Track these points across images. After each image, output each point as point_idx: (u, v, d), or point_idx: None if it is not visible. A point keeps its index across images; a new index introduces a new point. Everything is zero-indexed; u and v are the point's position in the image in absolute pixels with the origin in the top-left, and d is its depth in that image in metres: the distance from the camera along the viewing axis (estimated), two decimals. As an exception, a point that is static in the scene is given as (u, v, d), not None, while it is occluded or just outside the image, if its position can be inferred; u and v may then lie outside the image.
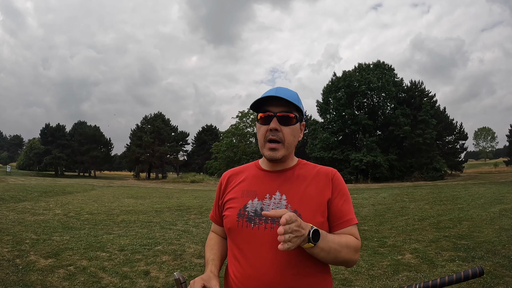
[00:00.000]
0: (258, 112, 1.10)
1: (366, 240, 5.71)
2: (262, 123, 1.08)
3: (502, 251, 4.61)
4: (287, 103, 1.06)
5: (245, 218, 1.04)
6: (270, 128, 1.05)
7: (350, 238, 1.04)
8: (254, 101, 1.07)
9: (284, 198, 1.05)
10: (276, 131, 1.05)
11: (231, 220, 1.07)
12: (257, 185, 1.10)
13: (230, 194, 1.13)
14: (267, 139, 1.06)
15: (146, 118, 53.12)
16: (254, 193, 1.08)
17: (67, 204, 10.95)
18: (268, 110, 1.07)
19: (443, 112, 37.91)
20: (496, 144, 70.81)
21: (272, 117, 1.06)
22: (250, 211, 1.05)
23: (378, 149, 30.92)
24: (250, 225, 1.03)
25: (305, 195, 1.06)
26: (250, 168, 1.19)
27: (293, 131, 1.09)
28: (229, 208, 1.10)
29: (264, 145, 1.08)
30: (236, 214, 1.07)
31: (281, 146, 1.06)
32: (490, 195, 12.04)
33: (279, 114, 1.05)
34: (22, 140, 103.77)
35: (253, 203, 1.06)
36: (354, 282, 3.69)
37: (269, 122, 1.06)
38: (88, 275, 3.85)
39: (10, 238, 5.53)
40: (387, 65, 34.87)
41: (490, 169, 45.08)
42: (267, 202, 1.05)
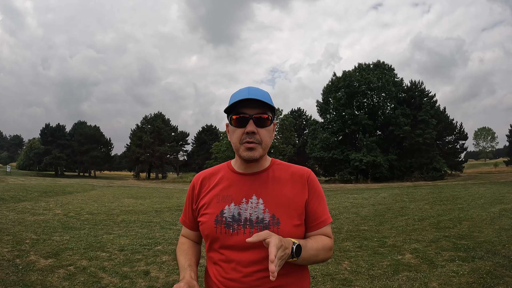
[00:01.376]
0: (230, 114, 1.05)
1: (366, 240, 5.71)
2: (236, 125, 1.04)
3: (502, 251, 4.61)
4: (261, 104, 1.02)
5: (223, 224, 1.02)
6: (247, 131, 1.01)
7: (325, 240, 1.07)
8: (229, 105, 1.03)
9: (261, 202, 1.03)
10: (253, 134, 1.02)
11: (209, 226, 1.04)
12: (232, 189, 1.07)
13: (205, 199, 1.09)
14: (243, 142, 1.03)
15: (146, 118, 53.11)
16: (230, 198, 1.06)
17: (67, 204, 10.95)
18: (242, 112, 1.02)
19: (443, 112, 37.91)
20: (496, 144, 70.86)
21: (247, 119, 1.02)
22: (227, 217, 1.03)
23: (378, 149, 30.92)
24: (229, 231, 1.01)
25: (282, 198, 1.05)
26: (223, 170, 1.14)
27: (269, 132, 1.07)
28: (205, 214, 1.07)
29: (239, 147, 1.04)
30: (213, 220, 1.04)
31: (259, 146, 1.03)
32: (490, 195, 12.04)
33: (255, 116, 1.02)
34: (22, 140, 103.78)
35: (230, 209, 1.04)
36: (354, 282, 3.69)
37: (245, 125, 1.02)
38: (88, 275, 3.84)
39: (10, 238, 5.53)
40: (387, 65, 34.88)
41: (490, 169, 45.08)
42: (244, 206, 1.03)
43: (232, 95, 1.08)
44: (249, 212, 1.02)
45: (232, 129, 1.06)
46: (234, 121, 1.04)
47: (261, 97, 1.02)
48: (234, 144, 1.06)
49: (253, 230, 0.99)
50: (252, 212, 1.02)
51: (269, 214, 1.01)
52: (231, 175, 1.11)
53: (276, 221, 1.01)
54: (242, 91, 1.05)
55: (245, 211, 1.02)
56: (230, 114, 1.05)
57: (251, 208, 1.02)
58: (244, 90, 1.04)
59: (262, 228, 0.99)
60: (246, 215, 1.01)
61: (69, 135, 57.85)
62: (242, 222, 1.01)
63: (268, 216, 1.01)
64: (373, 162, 29.87)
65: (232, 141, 1.07)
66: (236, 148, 1.06)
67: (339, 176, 32.95)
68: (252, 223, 1.00)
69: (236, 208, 1.03)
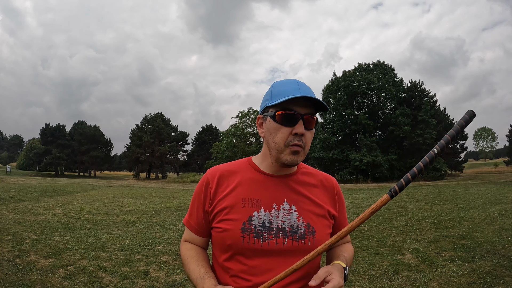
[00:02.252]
0: (275, 109, 0.91)
1: (366, 240, 5.71)
2: (281, 123, 0.90)
3: (502, 251, 4.61)
4: (310, 103, 0.91)
5: (252, 233, 0.89)
6: (296, 132, 0.88)
7: (350, 248, 1.08)
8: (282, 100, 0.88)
9: (294, 208, 0.94)
10: (301, 136, 0.90)
11: (234, 235, 0.89)
12: (259, 192, 0.94)
13: (226, 202, 0.93)
14: (290, 144, 0.89)
15: (146, 118, 53.14)
16: (258, 202, 0.92)
17: (67, 204, 10.95)
18: (292, 109, 0.89)
19: (443, 112, 37.94)
20: (496, 144, 70.92)
21: (297, 119, 0.89)
22: (257, 225, 0.89)
23: (378, 149, 30.93)
24: (258, 241, 0.88)
25: (314, 205, 0.97)
26: (245, 169, 0.99)
27: (312, 136, 0.95)
28: (228, 220, 0.91)
29: (284, 149, 0.90)
30: (239, 228, 0.89)
31: (303, 151, 0.91)
32: (490, 195, 12.04)
33: (306, 117, 0.90)
34: (22, 140, 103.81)
35: (259, 215, 0.90)
36: (354, 282, 3.69)
37: (293, 124, 0.89)
38: (88, 275, 3.84)
39: (10, 238, 5.53)
40: (387, 65, 34.90)
41: (490, 169, 45.09)
42: (275, 213, 0.92)
43: (275, 84, 0.96)
44: (281, 220, 0.91)
45: (275, 127, 0.91)
46: (280, 117, 0.89)
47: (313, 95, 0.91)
48: (277, 144, 0.91)
49: (287, 240, 0.90)
50: (284, 220, 0.91)
51: (304, 222, 0.93)
52: (257, 175, 0.97)
53: (311, 230, 0.93)
54: (291, 84, 0.92)
55: (277, 218, 0.91)
56: (273, 107, 0.92)
57: (283, 215, 0.92)
58: (293, 83, 0.92)
59: (298, 238, 0.91)
60: (278, 223, 0.91)
61: (69, 135, 57.87)
62: (273, 231, 0.90)
63: (303, 225, 0.92)
64: (373, 162, 29.88)
65: (274, 140, 0.91)
66: (278, 149, 0.91)
67: (339, 176, 32.94)
68: (286, 232, 0.90)
69: (267, 215, 0.91)
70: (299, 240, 0.90)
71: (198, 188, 0.99)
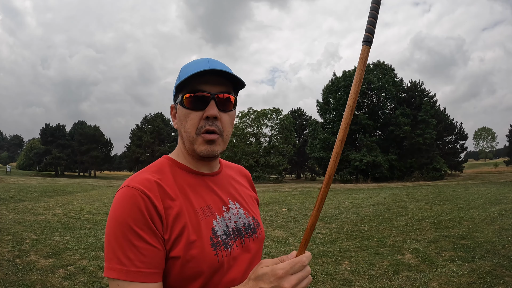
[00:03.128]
0: (183, 92, 0.77)
1: (366, 240, 5.71)
2: (190, 107, 0.76)
3: (502, 251, 4.61)
4: (224, 80, 0.77)
5: (222, 245, 0.74)
6: (207, 115, 0.75)
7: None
8: (184, 79, 0.74)
9: (238, 206, 0.84)
10: (215, 120, 0.76)
11: (207, 257, 0.71)
12: (206, 196, 0.79)
13: (182, 218, 0.71)
14: (201, 130, 0.75)
15: (146, 118, 53.16)
16: (211, 209, 0.78)
17: (67, 204, 10.95)
18: (201, 89, 0.75)
19: (443, 112, 37.94)
20: (496, 144, 70.97)
21: (208, 99, 0.75)
22: (221, 235, 0.76)
23: (378, 149, 30.95)
24: (228, 252, 0.75)
25: (248, 197, 0.91)
26: (172, 172, 0.79)
27: (232, 120, 0.81)
28: (193, 241, 0.70)
29: (195, 138, 0.76)
30: (209, 246, 0.72)
31: (220, 138, 0.77)
32: (490, 195, 12.04)
33: (220, 96, 0.76)
34: (22, 140, 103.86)
35: (218, 223, 0.77)
36: (354, 282, 3.69)
37: (204, 107, 0.75)
38: (88, 275, 3.84)
39: (10, 238, 5.53)
40: (387, 65, 34.91)
41: (490, 169, 45.09)
42: (227, 216, 0.80)
43: (183, 67, 0.81)
44: (234, 221, 0.81)
45: (184, 113, 0.77)
46: (187, 101, 0.75)
47: (227, 69, 0.77)
48: (188, 133, 0.77)
49: (244, 240, 0.81)
50: (236, 220, 0.81)
51: (250, 217, 0.85)
52: (189, 177, 0.80)
53: (257, 223, 0.87)
54: (200, 61, 0.78)
55: (229, 220, 0.80)
56: (181, 91, 0.78)
57: (234, 216, 0.81)
58: (203, 61, 0.78)
59: (252, 233, 0.83)
60: (232, 225, 0.80)
61: (69, 135, 57.86)
62: (231, 235, 0.78)
63: (251, 220, 0.85)
64: (373, 162, 29.89)
65: (184, 130, 0.77)
66: (190, 139, 0.77)
67: (339, 176, 32.94)
68: (241, 232, 0.81)
69: (222, 220, 0.78)
70: (253, 235, 0.84)
71: (133, 211, 0.67)
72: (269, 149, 38.29)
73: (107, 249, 0.68)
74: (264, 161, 35.79)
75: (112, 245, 0.67)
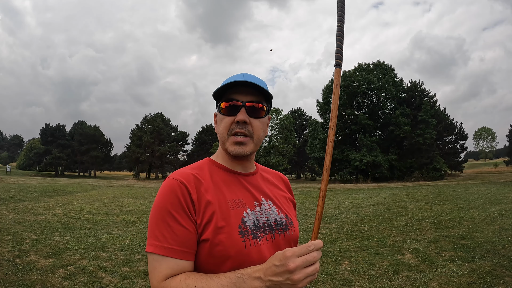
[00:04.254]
0: (220, 101, 0.91)
1: (366, 240, 5.71)
2: (225, 113, 0.89)
3: (502, 251, 4.61)
4: (256, 92, 0.90)
5: (250, 235, 0.83)
6: (237, 120, 0.87)
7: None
8: (218, 88, 0.89)
9: (271, 204, 0.93)
10: (245, 124, 0.88)
11: (234, 243, 0.80)
12: (238, 192, 0.90)
13: (212, 207, 0.82)
14: (232, 133, 0.89)
15: (146, 118, 53.15)
16: (242, 202, 0.88)
17: (67, 204, 10.95)
18: (234, 98, 0.89)
19: (443, 112, 37.93)
20: (496, 144, 70.93)
21: (239, 107, 0.88)
22: (250, 225, 0.85)
23: (378, 149, 30.94)
24: (257, 242, 0.84)
25: (283, 198, 1.00)
26: (209, 168, 0.92)
27: (263, 125, 0.93)
28: (222, 227, 0.81)
29: (227, 139, 0.89)
30: (238, 233, 0.82)
31: (250, 140, 0.89)
32: (490, 195, 12.04)
33: (248, 104, 0.88)
34: (22, 140, 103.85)
35: (248, 215, 0.86)
36: (354, 282, 3.69)
37: (235, 113, 0.88)
38: (88, 275, 3.84)
39: (10, 238, 5.53)
40: (387, 65, 34.91)
41: (490, 169, 45.08)
42: (258, 211, 0.89)
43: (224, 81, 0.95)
44: (265, 216, 0.90)
45: (220, 118, 0.91)
46: (223, 109, 0.90)
47: (257, 83, 0.89)
48: (221, 135, 0.91)
49: (275, 235, 0.88)
50: (268, 216, 0.90)
51: (283, 215, 0.94)
52: (228, 175, 0.92)
53: (290, 221, 0.95)
54: (236, 76, 0.92)
55: (261, 215, 0.89)
56: (219, 101, 0.92)
57: (266, 211, 0.90)
58: (238, 75, 0.91)
59: (283, 230, 0.91)
60: (263, 220, 0.88)
61: (69, 135, 57.86)
62: (262, 228, 0.87)
63: (283, 217, 0.93)
64: (373, 162, 29.88)
65: (219, 132, 0.91)
66: (222, 140, 0.91)
67: (339, 176, 32.95)
68: (272, 227, 0.89)
69: (253, 214, 0.87)
70: (284, 232, 0.91)
71: (172, 197, 0.80)
72: (269, 149, 38.28)
73: (149, 229, 0.82)
74: (264, 161, 35.77)
75: (152, 225, 0.81)
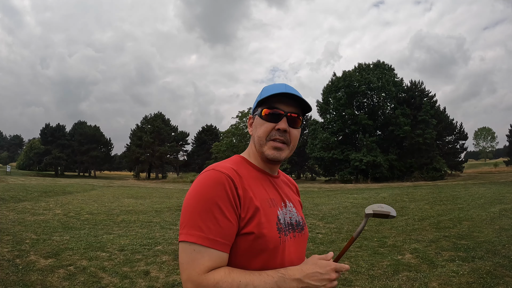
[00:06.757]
0: (262, 107, 0.95)
1: (366, 240, 5.71)
2: (267, 119, 0.94)
3: (502, 251, 4.61)
4: (296, 103, 0.95)
5: (283, 232, 0.90)
6: (278, 127, 0.92)
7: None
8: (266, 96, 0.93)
9: (291, 205, 0.99)
10: (285, 132, 0.93)
11: (273, 238, 0.86)
12: (270, 191, 0.96)
13: (255, 202, 0.87)
14: (271, 138, 0.93)
15: (146, 118, 53.14)
16: (275, 201, 0.94)
17: (67, 204, 10.95)
18: (277, 107, 0.93)
19: (443, 112, 37.93)
20: (496, 144, 70.94)
21: (281, 116, 0.93)
22: (283, 223, 0.92)
23: (378, 149, 30.93)
24: (287, 239, 0.91)
25: (296, 202, 1.06)
26: (246, 167, 0.96)
27: (298, 134, 0.99)
28: (263, 222, 0.85)
29: (265, 143, 0.93)
30: (276, 229, 0.88)
31: (286, 147, 0.95)
32: (490, 195, 12.04)
33: (291, 115, 0.94)
34: (22, 140, 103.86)
35: (280, 213, 0.93)
36: (354, 282, 3.69)
37: (277, 121, 0.93)
38: (88, 275, 3.84)
39: (10, 238, 5.53)
40: (387, 65, 34.91)
41: (490, 169, 45.07)
42: (285, 211, 0.95)
43: (264, 87, 1.01)
44: (289, 216, 0.96)
45: (260, 122, 0.95)
46: (265, 115, 0.94)
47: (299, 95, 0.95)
48: (259, 138, 0.94)
49: (296, 234, 0.96)
50: (291, 216, 0.96)
51: (300, 216, 1.01)
52: (258, 173, 0.97)
53: (304, 222, 1.02)
54: (278, 86, 0.97)
55: (285, 215, 0.94)
56: (261, 106, 0.96)
57: (289, 212, 0.97)
58: (281, 86, 0.96)
59: (300, 230, 0.98)
60: (287, 220, 0.94)
61: (69, 135, 57.84)
62: (288, 227, 0.93)
63: (300, 218, 1.00)
64: (373, 162, 29.87)
65: (257, 135, 0.95)
66: (260, 143, 0.94)
67: (339, 176, 32.93)
68: (293, 227, 0.95)
69: (282, 213, 0.93)
70: (301, 231, 0.99)
71: (219, 190, 0.82)
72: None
73: (188, 219, 0.81)
74: (264, 161, 35.69)
75: (194, 216, 0.80)
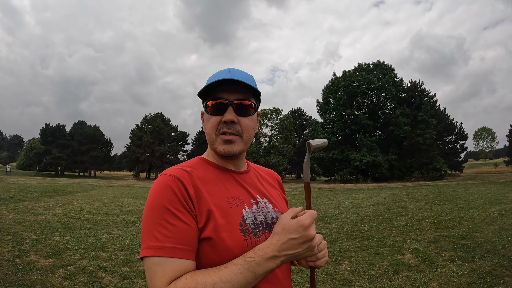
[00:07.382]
0: (206, 100, 0.86)
1: (366, 240, 5.71)
2: (212, 113, 0.85)
3: (502, 251, 4.61)
4: (243, 88, 0.84)
5: (251, 233, 0.80)
6: (224, 119, 0.83)
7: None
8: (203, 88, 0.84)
9: (267, 201, 0.90)
10: (233, 123, 0.84)
11: (236, 242, 0.76)
12: (235, 189, 0.87)
13: (211, 204, 0.78)
14: (220, 132, 0.84)
15: (146, 118, 53.14)
16: (240, 200, 0.84)
17: (67, 204, 10.95)
18: (220, 97, 0.84)
19: (443, 112, 37.94)
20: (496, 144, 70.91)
21: (226, 105, 0.83)
22: (250, 223, 0.81)
23: (378, 149, 30.94)
24: (257, 241, 0.80)
25: (277, 195, 0.98)
26: (202, 166, 0.88)
27: (253, 123, 0.89)
28: (223, 225, 0.76)
29: (215, 139, 0.85)
30: (239, 231, 0.78)
31: (239, 139, 0.85)
32: (490, 195, 12.04)
33: (236, 102, 0.84)
34: (22, 140, 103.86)
35: (247, 213, 0.83)
36: (354, 282, 3.69)
37: (222, 112, 0.83)
38: (88, 275, 3.84)
39: (10, 238, 5.53)
40: (387, 65, 34.93)
41: (490, 169, 45.09)
42: (256, 209, 0.86)
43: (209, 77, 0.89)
44: (263, 214, 0.86)
45: (207, 117, 0.87)
46: (209, 108, 0.85)
47: (244, 79, 0.84)
48: (209, 135, 0.87)
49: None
50: (265, 214, 0.87)
51: (279, 212, 0.91)
52: (218, 172, 0.88)
53: None
54: (222, 72, 0.87)
55: (258, 213, 0.86)
56: (205, 99, 0.87)
57: (262, 209, 0.87)
58: (224, 72, 0.86)
59: None
60: (261, 218, 0.85)
61: (69, 135, 57.84)
62: (260, 227, 0.83)
63: (279, 215, 0.89)
64: (373, 162, 29.88)
65: (206, 132, 0.88)
66: (211, 140, 0.87)
67: (339, 176, 32.96)
68: (270, 225, 0.86)
69: (251, 212, 0.84)
70: None
71: (167, 193, 0.74)
72: (269, 149, 38.26)
73: (144, 232, 0.74)
74: (264, 161, 35.77)
75: (148, 227, 0.73)
